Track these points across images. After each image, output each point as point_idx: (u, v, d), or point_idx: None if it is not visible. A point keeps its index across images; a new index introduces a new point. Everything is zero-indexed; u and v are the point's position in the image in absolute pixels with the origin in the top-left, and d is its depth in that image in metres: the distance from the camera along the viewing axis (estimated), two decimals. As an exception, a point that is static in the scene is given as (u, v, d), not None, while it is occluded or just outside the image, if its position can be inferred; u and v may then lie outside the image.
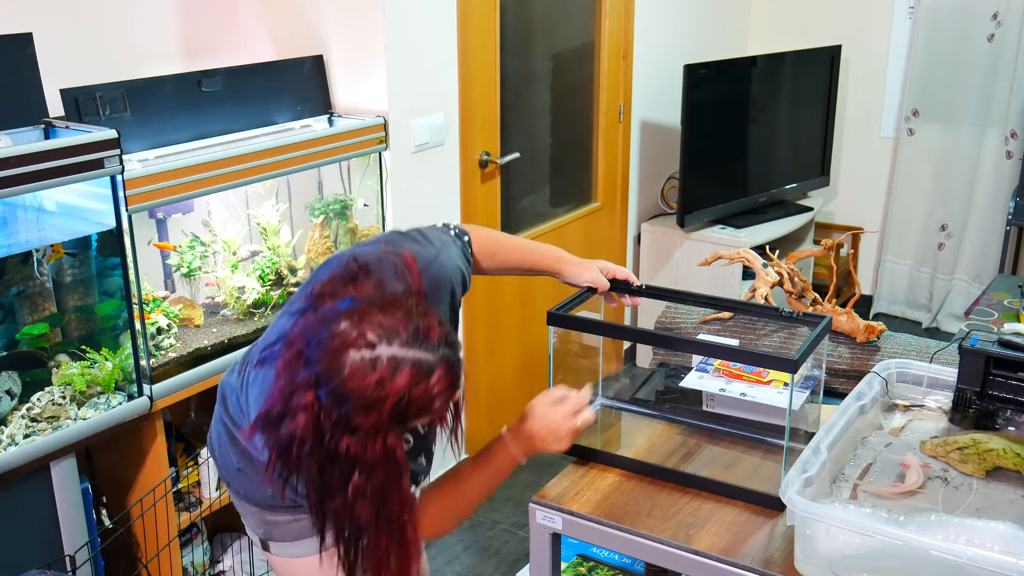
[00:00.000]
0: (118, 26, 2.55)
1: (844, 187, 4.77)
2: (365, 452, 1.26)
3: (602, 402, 2.00)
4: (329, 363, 1.25)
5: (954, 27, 4.25)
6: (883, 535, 1.33)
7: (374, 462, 1.27)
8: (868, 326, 2.04)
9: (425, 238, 1.60)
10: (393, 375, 1.24)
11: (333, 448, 1.26)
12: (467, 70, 3.05)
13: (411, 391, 1.25)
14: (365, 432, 1.25)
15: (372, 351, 1.25)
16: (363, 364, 1.24)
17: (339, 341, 1.25)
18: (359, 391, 1.24)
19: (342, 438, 1.26)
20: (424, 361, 1.27)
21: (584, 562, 2.28)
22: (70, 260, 2.21)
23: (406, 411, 1.27)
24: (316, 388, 1.25)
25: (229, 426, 1.65)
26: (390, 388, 1.24)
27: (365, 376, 1.24)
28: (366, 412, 1.24)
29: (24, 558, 2.12)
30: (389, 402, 1.24)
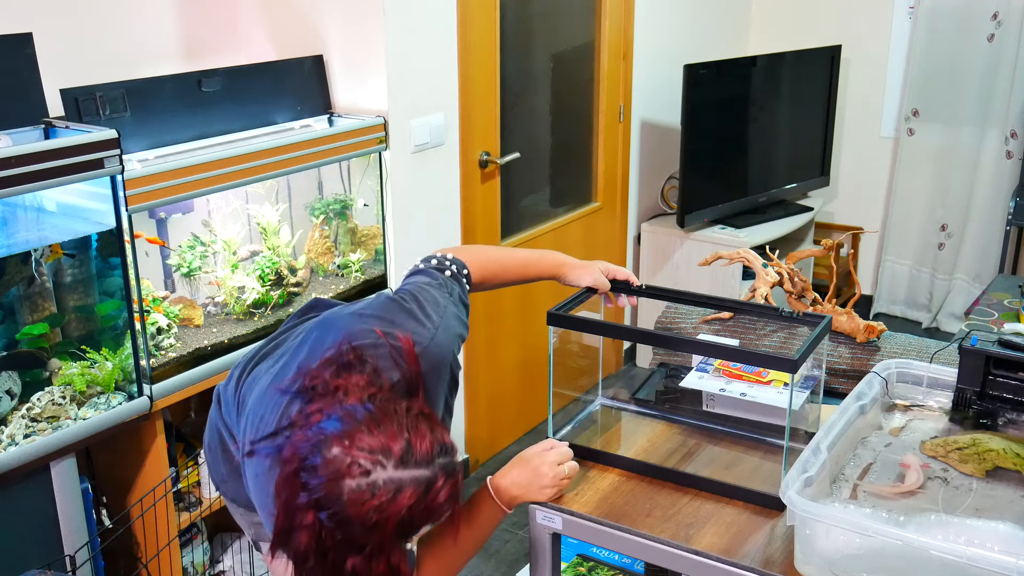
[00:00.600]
0: (118, 26, 2.55)
1: (844, 187, 4.77)
2: (370, 570, 1.25)
3: (602, 402, 2.00)
4: (326, 491, 1.23)
5: (954, 27, 4.25)
6: (883, 535, 1.33)
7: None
8: (868, 326, 2.04)
9: (423, 310, 1.54)
10: (394, 498, 1.23)
11: (338, 564, 1.25)
12: (467, 70, 3.05)
13: (412, 510, 1.24)
14: (370, 551, 1.25)
15: (367, 478, 1.22)
16: (361, 492, 1.22)
17: (333, 469, 1.23)
18: (360, 516, 1.22)
19: (346, 557, 1.25)
20: (422, 478, 1.25)
21: (584, 562, 2.28)
22: (68, 261, 2.21)
23: (409, 527, 1.26)
24: (316, 511, 1.24)
25: (223, 432, 1.65)
26: (391, 510, 1.23)
27: (365, 503, 1.22)
28: (369, 534, 1.23)
29: (24, 558, 2.12)
30: (391, 523, 1.23)
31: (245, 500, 1.66)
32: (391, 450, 1.24)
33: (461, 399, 3.32)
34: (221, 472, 1.68)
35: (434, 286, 1.61)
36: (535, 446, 1.67)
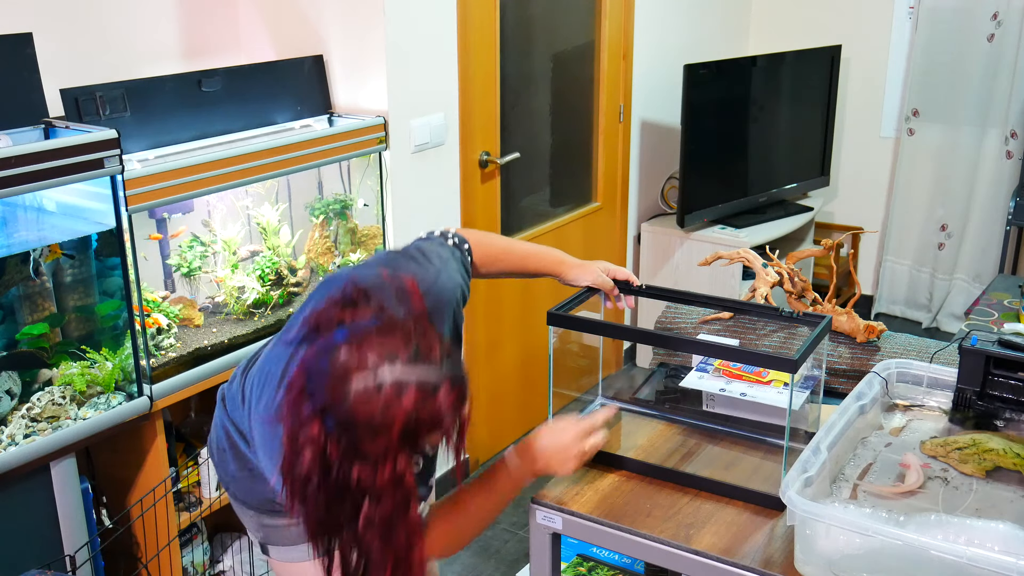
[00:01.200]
0: (118, 26, 2.55)
1: (844, 187, 4.77)
2: (375, 479, 1.24)
3: (602, 402, 2.00)
4: (332, 393, 1.22)
5: (954, 27, 4.25)
6: (883, 535, 1.33)
7: (383, 488, 1.24)
8: (868, 326, 2.04)
9: (425, 257, 1.57)
10: (399, 397, 1.22)
11: (342, 479, 1.24)
12: (467, 70, 3.05)
13: (418, 411, 1.23)
14: (375, 458, 1.23)
15: (375, 376, 1.22)
16: (367, 390, 1.21)
17: (341, 370, 1.23)
18: (366, 417, 1.21)
19: (351, 467, 1.23)
20: (429, 380, 1.25)
21: (584, 562, 2.28)
22: (67, 261, 2.21)
23: (415, 432, 1.25)
24: (322, 419, 1.23)
25: (229, 429, 1.65)
26: (397, 411, 1.22)
27: (370, 401, 1.21)
28: (375, 437, 1.22)
29: (24, 558, 2.12)
30: (397, 425, 1.22)
31: (255, 500, 1.66)
32: (398, 352, 1.24)
33: (461, 399, 3.32)
34: (230, 471, 1.67)
35: (436, 243, 1.64)
36: (560, 419, 1.63)
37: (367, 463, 1.23)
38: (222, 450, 1.68)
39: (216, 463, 1.72)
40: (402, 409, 1.22)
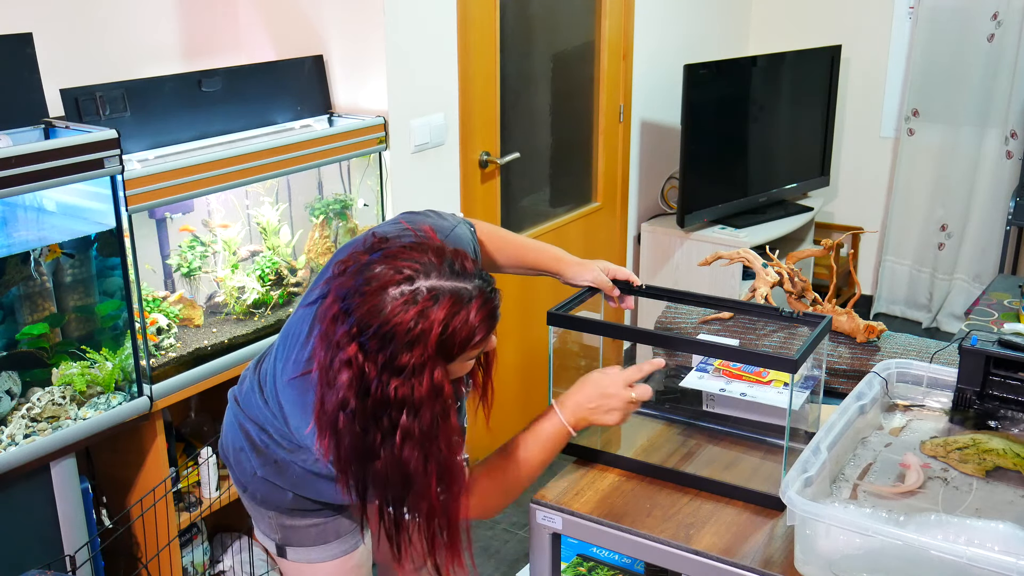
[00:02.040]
0: (118, 26, 2.55)
1: (844, 187, 4.78)
2: (413, 391, 1.25)
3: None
4: (369, 306, 1.25)
5: (954, 27, 4.25)
6: (883, 535, 1.33)
7: (422, 400, 1.26)
8: (868, 326, 2.04)
9: (439, 215, 1.63)
10: (433, 306, 1.25)
11: (380, 396, 1.25)
12: (467, 70, 3.06)
13: (452, 320, 1.26)
14: (412, 369, 1.25)
15: (411, 285, 1.26)
16: (403, 298, 1.25)
17: (377, 282, 1.26)
18: (403, 326, 1.24)
19: (390, 382, 1.25)
20: (462, 290, 1.28)
21: (584, 562, 2.28)
22: (67, 260, 2.21)
23: (449, 342, 1.27)
24: (358, 337, 1.25)
25: (248, 429, 1.63)
26: (433, 318, 1.25)
27: (406, 309, 1.24)
28: (411, 347, 1.24)
29: (24, 558, 2.11)
30: (433, 334, 1.25)
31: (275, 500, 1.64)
32: (433, 263, 1.28)
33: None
34: (249, 470, 1.65)
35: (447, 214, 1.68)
36: (604, 369, 1.63)
37: (405, 376, 1.25)
38: (239, 450, 1.67)
39: (232, 465, 1.70)
40: (437, 317, 1.25)
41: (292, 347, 1.49)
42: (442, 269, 1.29)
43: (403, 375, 1.25)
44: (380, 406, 1.26)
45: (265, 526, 1.72)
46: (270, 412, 1.57)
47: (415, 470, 1.30)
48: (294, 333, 1.50)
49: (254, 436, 1.63)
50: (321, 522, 1.66)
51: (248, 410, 1.64)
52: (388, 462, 1.29)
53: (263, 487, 1.65)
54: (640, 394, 1.59)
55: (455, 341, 1.28)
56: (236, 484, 1.71)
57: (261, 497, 1.67)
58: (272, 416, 1.57)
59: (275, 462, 1.61)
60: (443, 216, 1.64)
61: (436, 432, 1.29)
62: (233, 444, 1.69)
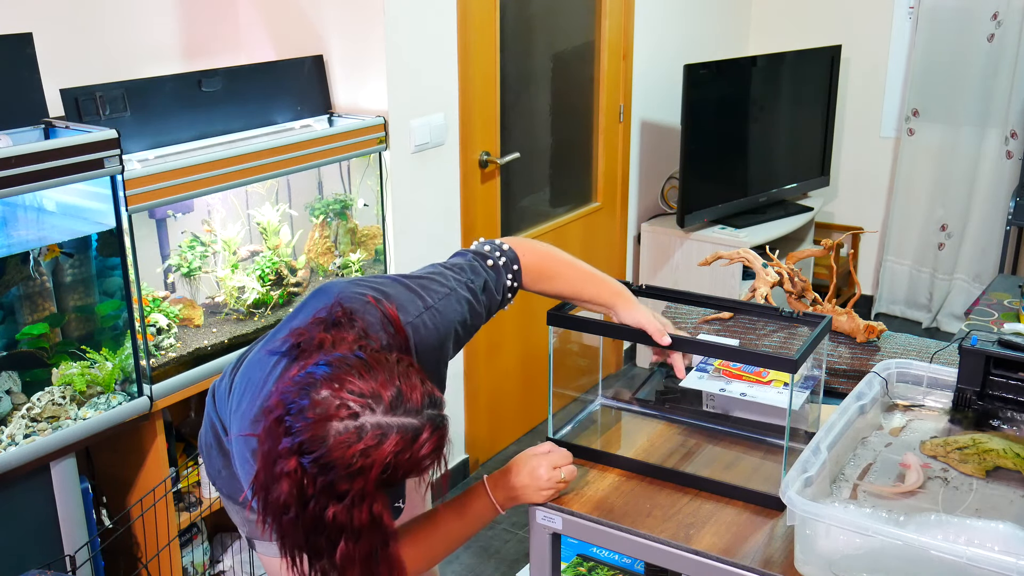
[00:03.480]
0: (118, 26, 2.55)
1: (844, 187, 4.77)
2: (351, 520, 1.23)
3: (602, 402, 2.00)
4: (312, 433, 1.21)
5: (954, 27, 4.25)
6: (883, 535, 1.33)
7: (361, 529, 1.24)
8: (868, 326, 2.04)
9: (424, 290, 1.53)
10: (379, 444, 1.21)
11: (318, 514, 1.23)
12: (467, 70, 3.05)
13: (397, 457, 1.22)
14: (351, 499, 1.22)
15: (355, 420, 1.21)
16: (347, 435, 1.20)
17: (321, 411, 1.21)
18: (344, 461, 1.20)
19: (327, 505, 1.22)
20: (410, 426, 1.23)
21: (584, 562, 2.28)
22: (66, 259, 2.21)
23: (392, 476, 1.24)
24: (299, 456, 1.22)
25: (216, 426, 1.66)
26: (376, 456, 1.21)
27: (350, 446, 1.20)
28: (352, 480, 1.21)
29: (24, 558, 2.11)
30: (375, 470, 1.21)
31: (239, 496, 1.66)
32: (381, 395, 1.23)
33: (461, 399, 3.32)
34: (216, 467, 1.68)
35: (455, 270, 1.59)
36: (534, 448, 1.67)
37: (343, 504, 1.22)
38: (209, 445, 1.69)
39: (204, 459, 1.73)
40: (381, 455, 1.21)
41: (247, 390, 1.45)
42: (390, 403, 1.23)
43: (342, 502, 1.22)
44: (318, 522, 1.24)
45: (236, 519, 1.74)
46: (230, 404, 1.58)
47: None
48: (252, 378, 1.45)
49: (221, 435, 1.64)
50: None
51: (220, 410, 1.65)
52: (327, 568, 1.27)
53: (228, 484, 1.67)
54: (568, 475, 1.63)
55: (397, 475, 1.25)
56: (208, 476, 1.74)
57: (227, 492, 1.69)
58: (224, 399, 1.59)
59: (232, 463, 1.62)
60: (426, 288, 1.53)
61: (376, 556, 1.26)
62: (205, 439, 1.71)
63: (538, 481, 1.61)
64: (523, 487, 1.61)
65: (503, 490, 1.61)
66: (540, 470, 1.61)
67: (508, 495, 1.61)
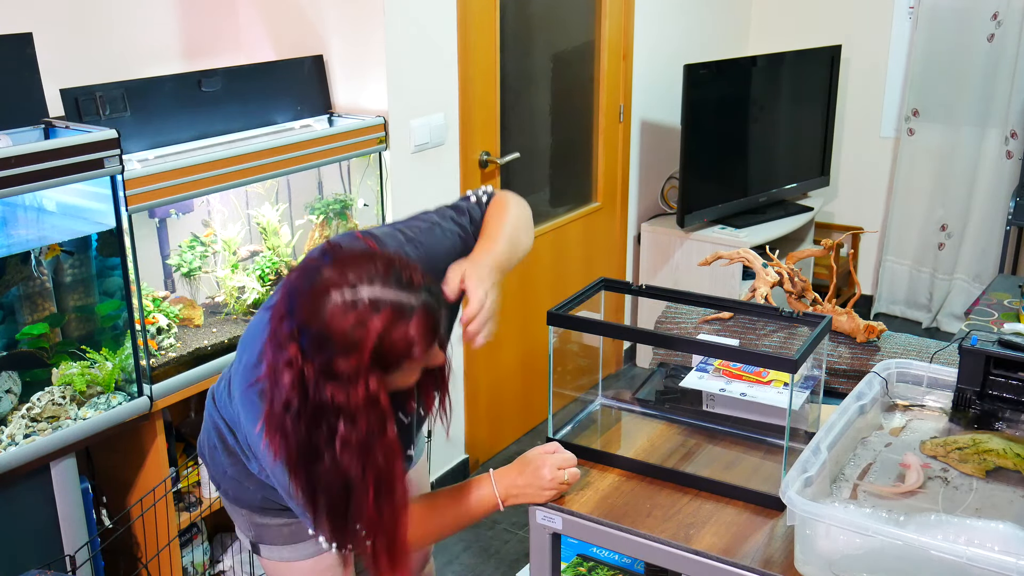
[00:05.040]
0: (118, 26, 2.55)
1: (844, 187, 4.77)
2: (348, 398, 1.26)
3: (602, 402, 2.00)
4: (310, 308, 1.26)
5: (954, 27, 4.25)
6: (883, 535, 1.33)
7: (357, 408, 1.27)
8: (868, 326, 2.04)
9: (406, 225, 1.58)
10: (372, 315, 1.25)
11: (318, 401, 1.27)
12: (467, 70, 3.05)
13: (390, 332, 1.26)
14: (347, 377, 1.26)
15: (353, 292, 1.26)
16: (343, 304, 1.25)
17: (321, 286, 1.27)
18: (339, 332, 1.24)
19: (326, 386, 1.26)
20: (404, 303, 1.28)
21: (584, 562, 2.28)
22: (67, 258, 2.21)
23: (386, 354, 1.27)
24: (299, 338, 1.26)
25: (220, 426, 1.66)
26: (370, 328, 1.25)
27: (345, 316, 1.24)
28: (347, 355, 1.25)
29: (24, 558, 2.12)
30: (369, 343, 1.25)
31: (247, 498, 1.66)
32: (379, 273, 1.28)
33: (461, 399, 3.32)
34: (222, 467, 1.68)
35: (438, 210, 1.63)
36: (539, 447, 1.67)
37: (340, 382, 1.26)
38: (213, 447, 1.69)
39: (208, 462, 1.72)
40: (374, 327, 1.25)
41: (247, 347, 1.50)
42: (388, 279, 1.28)
43: (339, 381, 1.26)
44: (318, 410, 1.27)
45: (240, 523, 1.74)
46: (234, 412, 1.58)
47: (354, 479, 1.31)
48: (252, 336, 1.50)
49: (225, 436, 1.65)
50: (293, 522, 1.67)
51: (222, 409, 1.66)
52: (330, 467, 1.31)
53: (234, 486, 1.67)
54: (571, 477, 1.64)
55: (392, 353, 1.27)
56: (212, 480, 1.73)
57: (233, 495, 1.69)
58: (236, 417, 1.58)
59: (243, 463, 1.62)
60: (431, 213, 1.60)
61: (373, 442, 1.29)
62: (208, 442, 1.71)
63: (541, 480, 1.62)
64: (526, 485, 1.62)
65: (506, 485, 1.62)
66: (544, 470, 1.62)
67: (511, 491, 1.62)
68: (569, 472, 1.64)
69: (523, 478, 1.62)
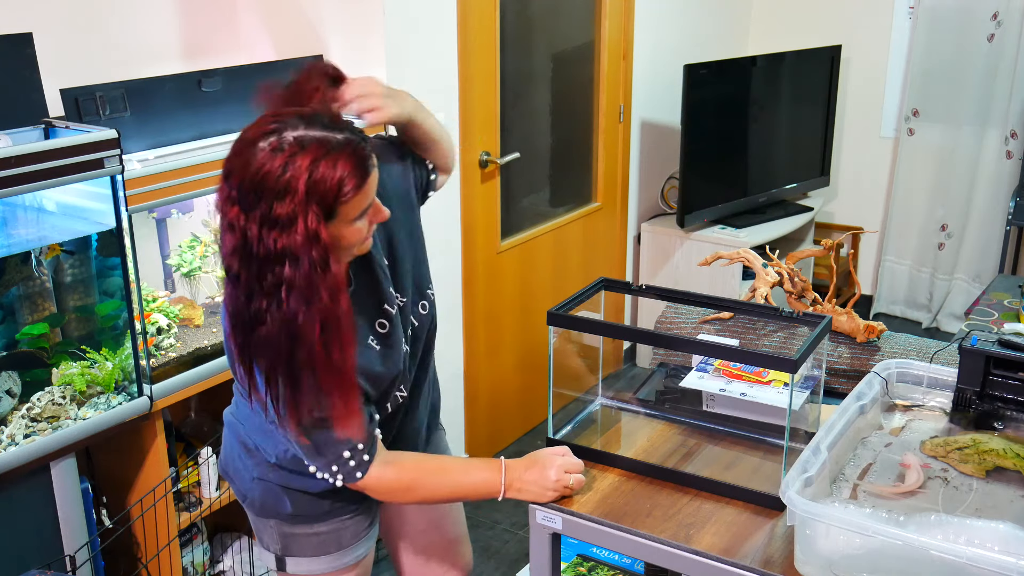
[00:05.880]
0: (118, 26, 2.55)
1: (844, 187, 4.78)
2: (289, 239, 1.30)
3: (602, 402, 2.00)
4: (241, 162, 1.31)
5: (954, 27, 4.25)
6: (883, 535, 1.33)
7: (298, 247, 1.30)
8: (868, 326, 2.04)
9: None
10: (299, 152, 1.30)
11: (263, 253, 1.30)
12: (467, 70, 3.05)
13: (318, 167, 1.30)
14: (287, 219, 1.29)
15: (279, 137, 1.31)
16: (270, 148, 1.30)
17: (248, 137, 1.33)
18: (272, 174, 1.29)
19: (269, 235, 1.30)
20: (330, 139, 1.32)
21: (584, 562, 2.28)
22: (67, 257, 2.21)
23: (320, 191, 1.30)
24: (237, 199, 1.31)
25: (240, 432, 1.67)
26: (300, 164, 1.29)
27: (273, 158, 1.29)
28: (282, 197, 1.29)
29: (24, 558, 2.12)
30: (300, 181, 1.29)
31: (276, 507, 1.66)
32: (303, 116, 1.34)
33: (461, 399, 3.32)
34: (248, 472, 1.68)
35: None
36: (550, 448, 1.68)
37: (280, 227, 1.30)
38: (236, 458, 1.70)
39: (233, 478, 1.72)
40: (304, 163, 1.29)
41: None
42: (310, 121, 1.33)
43: (279, 226, 1.29)
44: (263, 264, 1.31)
45: (267, 538, 1.73)
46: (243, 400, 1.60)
47: (301, 322, 1.33)
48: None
49: (245, 439, 1.66)
50: (323, 531, 1.68)
51: (238, 415, 1.67)
52: (274, 321, 1.33)
53: (261, 491, 1.67)
54: (576, 483, 1.65)
55: (325, 190, 1.31)
56: (238, 496, 1.73)
57: (260, 503, 1.68)
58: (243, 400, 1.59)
59: (265, 461, 1.63)
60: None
61: (316, 281, 1.31)
62: (229, 455, 1.72)
63: (545, 481, 1.62)
64: (531, 482, 1.62)
65: (512, 477, 1.62)
66: (550, 471, 1.62)
67: (515, 483, 1.62)
68: (575, 478, 1.64)
69: (529, 474, 1.62)
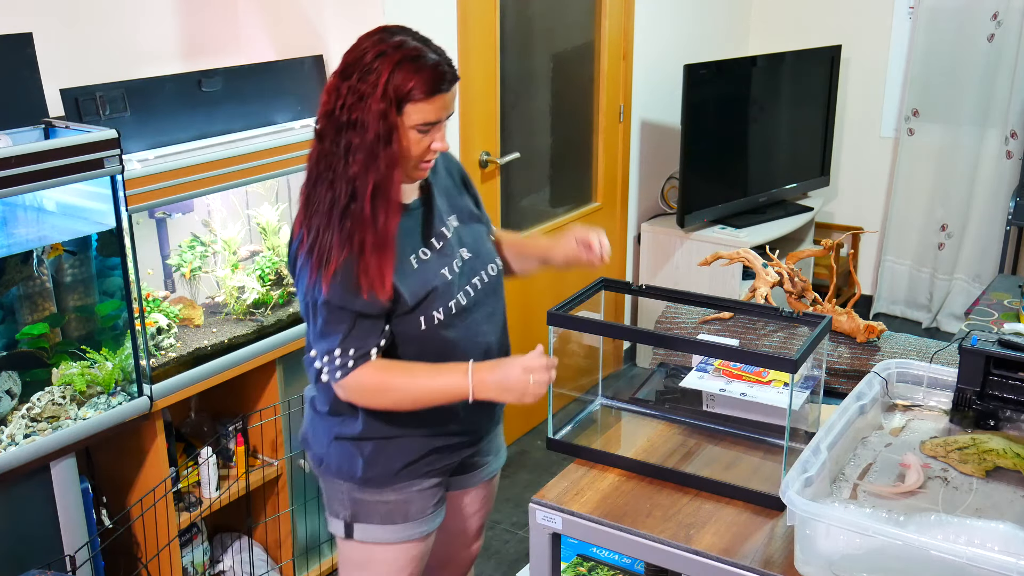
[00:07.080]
0: (118, 26, 2.55)
1: (844, 187, 4.78)
2: (363, 112, 1.56)
3: (602, 402, 2.00)
4: (354, 45, 1.62)
5: (954, 27, 4.25)
6: (883, 535, 1.33)
7: (369, 119, 1.56)
8: (868, 326, 2.04)
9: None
10: (394, 51, 1.58)
11: (343, 118, 1.58)
12: (467, 70, 3.05)
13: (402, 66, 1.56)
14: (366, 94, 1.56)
15: (390, 36, 1.61)
16: (377, 40, 1.60)
17: (372, 31, 1.64)
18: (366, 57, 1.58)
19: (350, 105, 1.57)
20: (424, 53, 1.59)
21: (584, 562, 2.28)
22: (69, 257, 2.21)
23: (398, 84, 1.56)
24: (340, 70, 1.61)
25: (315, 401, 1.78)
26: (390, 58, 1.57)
27: (375, 47, 1.59)
28: (365, 78, 1.56)
29: (24, 558, 2.12)
30: (385, 70, 1.56)
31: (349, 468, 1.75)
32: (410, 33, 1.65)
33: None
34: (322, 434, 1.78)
35: None
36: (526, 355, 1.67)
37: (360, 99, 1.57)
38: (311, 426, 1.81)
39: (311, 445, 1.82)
40: (393, 58, 1.57)
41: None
42: (421, 41, 1.62)
43: (360, 98, 1.56)
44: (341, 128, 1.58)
45: (337, 504, 1.79)
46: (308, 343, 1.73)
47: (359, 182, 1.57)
48: None
49: (316, 404, 1.78)
50: (391, 499, 1.75)
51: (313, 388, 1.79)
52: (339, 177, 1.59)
53: (336, 451, 1.75)
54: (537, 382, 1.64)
55: (399, 84, 1.56)
56: (313, 464, 1.82)
57: (335, 466, 1.76)
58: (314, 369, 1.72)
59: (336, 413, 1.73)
60: None
61: (378, 151, 1.56)
62: (308, 426, 1.83)
63: (508, 380, 1.63)
64: (495, 382, 1.64)
65: (479, 378, 1.64)
66: (514, 370, 1.63)
67: (482, 384, 1.64)
68: (535, 379, 1.62)
69: (493, 374, 1.64)
